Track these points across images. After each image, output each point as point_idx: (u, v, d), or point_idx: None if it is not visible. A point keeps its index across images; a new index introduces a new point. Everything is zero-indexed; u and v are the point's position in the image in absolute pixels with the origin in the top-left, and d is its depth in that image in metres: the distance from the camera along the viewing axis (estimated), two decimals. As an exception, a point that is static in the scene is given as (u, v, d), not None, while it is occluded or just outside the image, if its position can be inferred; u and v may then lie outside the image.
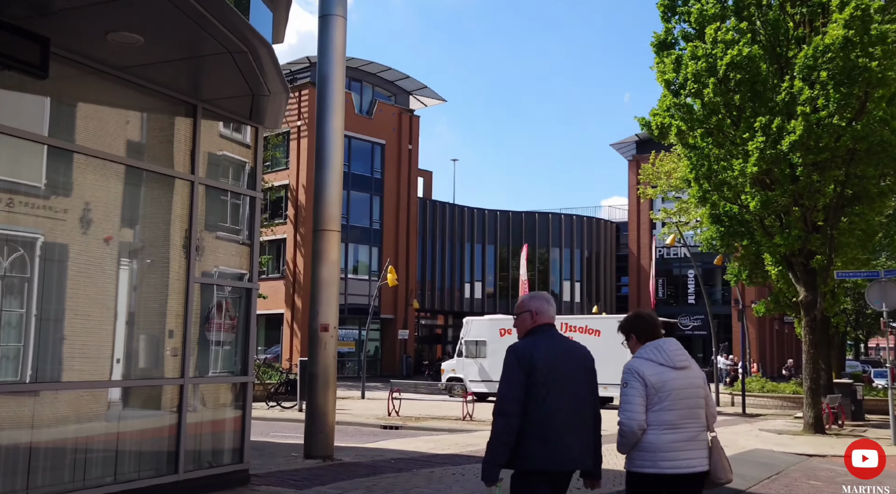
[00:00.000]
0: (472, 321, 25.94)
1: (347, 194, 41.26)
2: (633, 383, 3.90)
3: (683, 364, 3.96)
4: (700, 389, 4.00)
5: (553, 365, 3.75)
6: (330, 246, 9.46)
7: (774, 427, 16.56)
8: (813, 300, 15.15)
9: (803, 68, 13.88)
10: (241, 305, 7.81)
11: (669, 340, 4.04)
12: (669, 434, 3.83)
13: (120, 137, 6.64)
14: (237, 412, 7.54)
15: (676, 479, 3.85)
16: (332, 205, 9.40)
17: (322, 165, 9.46)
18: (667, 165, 31.53)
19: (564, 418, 3.72)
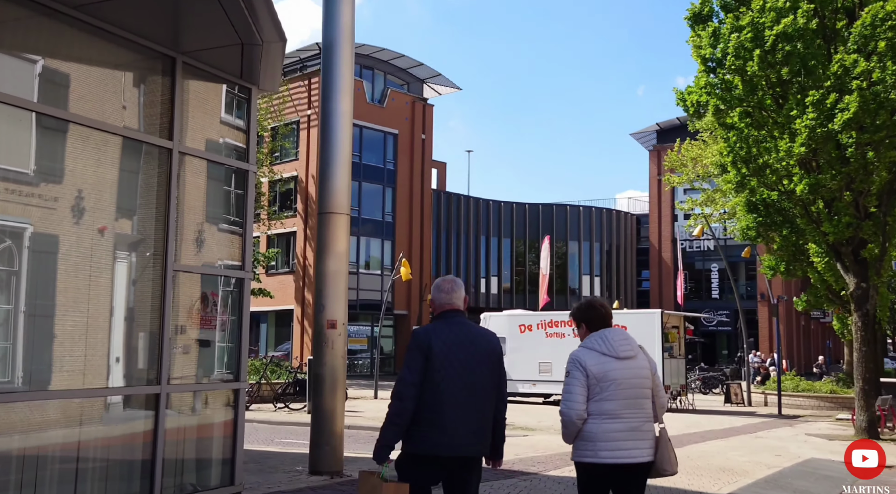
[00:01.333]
0: (490, 317, 24.71)
1: (359, 186, 40.16)
2: (575, 372, 3.92)
3: (627, 354, 3.96)
4: (646, 380, 3.98)
5: (450, 351, 3.78)
6: (337, 232, 8.16)
7: (821, 431, 15.30)
8: (864, 293, 13.87)
9: (859, 38, 12.64)
10: (233, 298, 6.68)
11: (615, 330, 4.06)
12: (610, 424, 3.84)
13: (80, 94, 5.48)
14: (228, 425, 6.43)
15: (618, 469, 3.86)
16: (340, 184, 8.16)
17: (328, 136, 8.23)
18: (693, 152, 30.17)
19: (457, 404, 3.73)
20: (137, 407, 5.77)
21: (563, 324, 22.77)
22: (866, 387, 13.97)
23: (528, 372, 23.04)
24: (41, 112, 5.05)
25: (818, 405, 22.87)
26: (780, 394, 21.53)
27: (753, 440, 13.36)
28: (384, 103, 41.60)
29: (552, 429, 14.16)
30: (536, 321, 23.52)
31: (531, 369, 22.96)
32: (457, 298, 3.97)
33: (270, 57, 6.14)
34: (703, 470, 9.36)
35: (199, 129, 6.40)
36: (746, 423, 17.09)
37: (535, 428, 14.45)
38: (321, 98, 8.32)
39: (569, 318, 4.34)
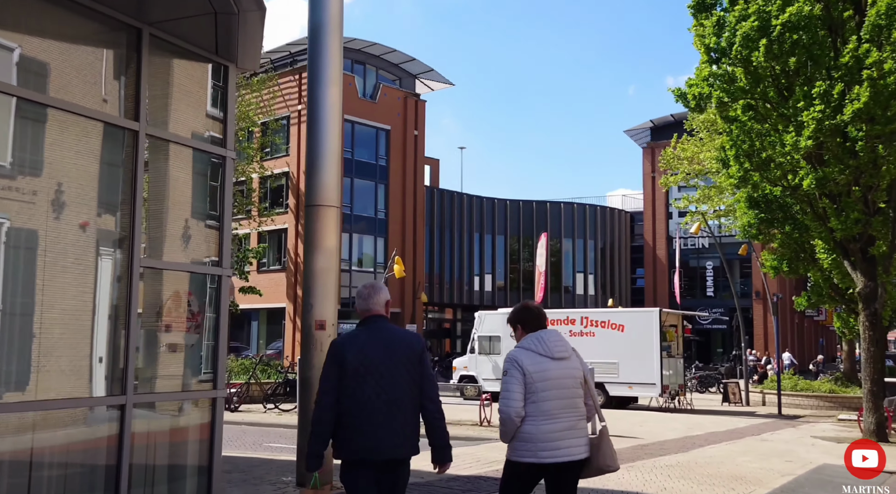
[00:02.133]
0: (486, 316, 24.25)
1: (351, 182, 39.61)
2: (513, 372, 4.00)
3: (562, 355, 4.08)
4: (578, 380, 4.11)
5: (367, 357, 3.87)
6: (326, 226, 7.47)
7: (826, 434, 14.83)
8: (873, 292, 13.41)
9: (872, 28, 12.16)
10: (210, 298, 6.04)
11: (550, 331, 4.18)
12: (548, 424, 3.94)
13: (33, 70, 4.89)
14: (203, 439, 5.76)
15: (556, 467, 3.98)
16: (328, 174, 7.52)
17: (315, 123, 7.62)
18: (689, 150, 29.75)
19: (377, 408, 3.82)
20: (101, 417, 5.15)
21: (559, 323, 22.32)
22: (874, 388, 13.52)
23: (523, 371, 22.56)
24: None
25: (817, 404, 22.51)
26: (779, 394, 21.16)
27: (759, 443, 12.92)
28: (376, 99, 41.03)
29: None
30: (532, 319, 23.04)
31: (526, 368, 22.48)
32: (375, 303, 4.05)
33: (248, 29, 5.56)
34: (714, 479, 8.91)
35: (170, 111, 5.82)
36: (748, 424, 16.66)
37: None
38: (308, 83, 7.66)
39: (506, 322, 4.37)
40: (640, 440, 12.82)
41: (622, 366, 20.56)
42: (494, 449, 10.95)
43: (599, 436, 4.18)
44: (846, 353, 27.98)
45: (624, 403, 21.22)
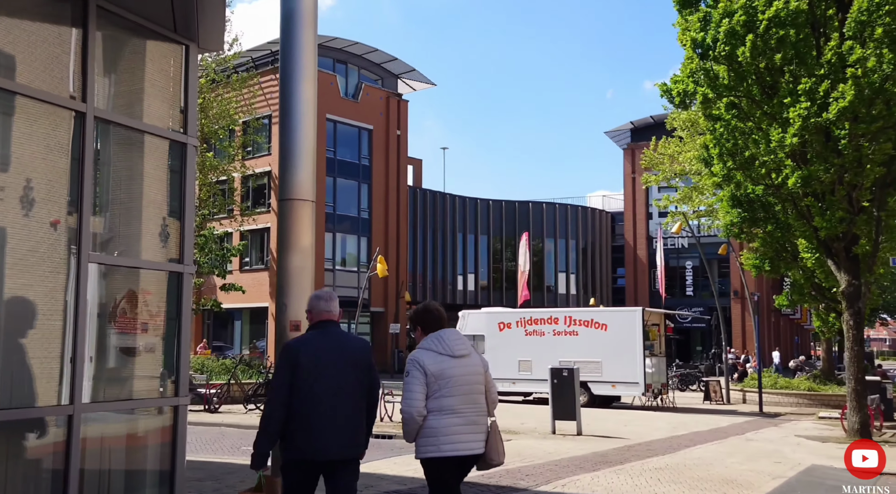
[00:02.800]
0: (469, 315, 24.16)
1: (334, 181, 39.43)
2: (414, 372, 4.12)
3: (462, 353, 4.23)
4: (479, 376, 4.26)
5: (319, 361, 4.03)
6: (301, 221, 6.87)
7: (810, 432, 14.90)
8: (856, 291, 13.40)
9: (854, 25, 12.11)
10: (170, 297, 5.43)
11: (450, 330, 4.31)
12: (450, 418, 4.07)
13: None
14: (165, 450, 5.14)
15: (457, 460, 4.12)
16: (303, 164, 6.81)
17: (289, 107, 7.01)
18: (670, 149, 29.96)
19: (325, 411, 3.97)
20: (40, 433, 4.54)
21: (542, 322, 22.35)
22: (858, 387, 13.51)
23: (507, 371, 22.55)
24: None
25: (797, 402, 22.74)
26: (760, 392, 21.33)
27: (745, 443, 12.92)
28: (358, 98, 40.87)
29: (537, 432, 13.65)
30: (516, 318, 23.02)
31: (510, 367, 22.47)
32: (334, 308, 4.27)
33: (208, 6, 5.13)
34: (705, 483, 8.78)
35: (125, 94, 5.36)
36: (731, 423, 16.73)
37: (518, 431, 13.83)
38: (280, 68, 7.10)
39: (408, 322, 4.57)
40: (626, 440, 12.75)
41: (605, 365, 20.60)
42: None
43: (489, 431, 4.29)
44: (824, 351, 28.34)
45: (607, 402, 21.28)
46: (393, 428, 14.00)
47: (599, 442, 12.27)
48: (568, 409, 13.50)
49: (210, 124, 32.92)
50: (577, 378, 13.60)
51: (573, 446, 11.71)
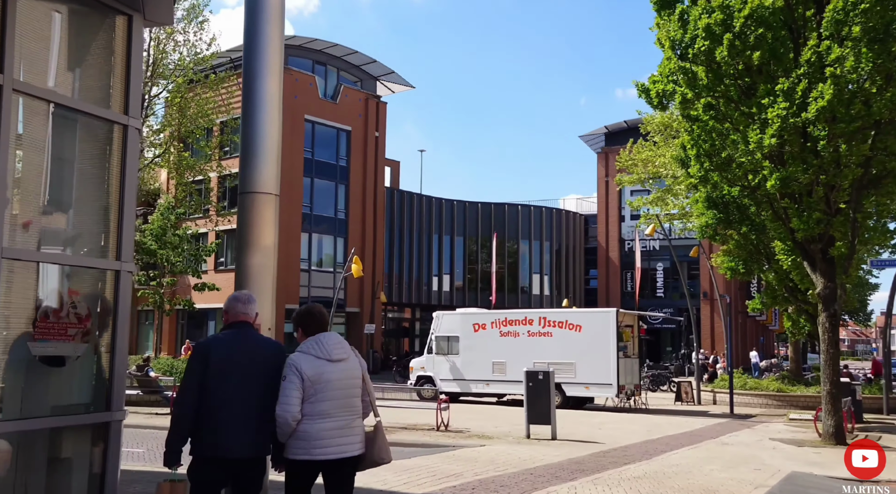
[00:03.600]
0: (444, 316, 24.23)
1: (311, 182, 39.26)
2: (291, 376, 4.16)
3: (340, 357, 4.30)
4: (356, 380, 4.35)
5: (230, 361, 4.10)
6: (262, 216, 6.31)
7: (783, 436, 15.07)
8: (832, 293, 13.56)
9: (831, 24, 12.14)
10: (103, 298, 4.83)
11: (330, 334, 4.37)
12: (323, 423, 4.15)
13: None
14: (94, 474, 4.56)
15: (329, 464, 4.19)
16: (265, 155, 6.30)
17: (251, 93, 6.52)
18: (644, 153, 30.35)
19: (234, 411, 4.05)
20: None
21: (517, 323, 22.50)
22: (834, 390, 13.60)
23: (481, 372, 22.67)
24: None
25: (767, 403, 23.16)
26: (731, 394, 21.69)
27: (721, 447, 12.97)
28: (337, 99, 40.73)
29: (510, 437, 13.71)
30: (490, 319, 23.15)
31: (485, 368, 22.59)
32: (251, 310, 4.37)
33: None
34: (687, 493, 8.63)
35: (55, 66, 4.86)
36: (704, 425, 16.96)
37: (492, 436, 13.89)
38: (244, 50, 6.71)
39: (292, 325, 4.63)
40: (601, 445, 12.77)
41: (579, 366, 20.78)
42: (454, 460, 10.66)
43: (374, 431, 4.41)
44: (792, 353, 28.90)
45: (580, 403, 21.48)
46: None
47: (575, 448, 12.38)
48: (543, 413, 13.59)
49: (187, 124, 32.64)
50: (552, 381, 13.70)
51: (548, 452, 11.74)
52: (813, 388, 23.33)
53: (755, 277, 27.75)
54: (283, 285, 37.22)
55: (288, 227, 37.41)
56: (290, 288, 37.20)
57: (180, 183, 34.06)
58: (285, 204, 37.83)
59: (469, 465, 10.22)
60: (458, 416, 16.81)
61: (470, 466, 10.12)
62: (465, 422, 16.11)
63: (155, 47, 31.64)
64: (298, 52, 39.83)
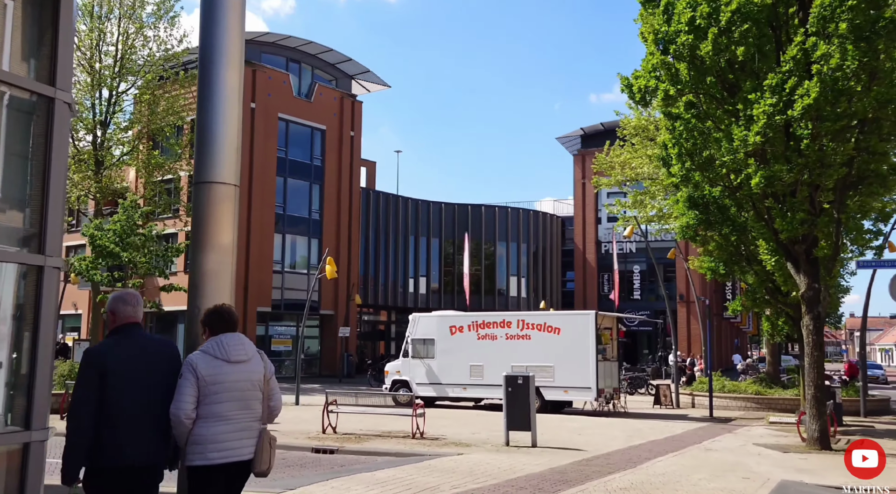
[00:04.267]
0: (420, 318, 23.65)
1: (284, 182, 38.49)
2: (187, 375, 4.10)
3: (240, 359, 4.22)
4: (256, 383, 4.26)
5: (127, 366, 3.99)
6: (220, 209, 5.66)
7: (766, 440, 14.73)
8: (816, 294, 13.24)
9: (817, 20, 11.90)
10: (23, 298, 4.10)
11: (233, 335, 4.29)
12: (219, 425, 4.08)
13: None
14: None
15: (226, 467, 4.11)
16: (224, 140, 5.69)
17: (207, 82, 5.71)
18: (622, 156, 30.12)
19: (133, 417, 3.94)
20: None
21: (495, 325, 22.01)
22: (818, 394, 13.29)
23: (458, 376, 22.15)
24: None
25: (745, 406, 22.96)
26: (711, 397, 21.43)
27: (706, 454, 12.55)
28: (311, 98, 40.01)
29: (489, 444, 13.15)
30: (468, 322, 22.62)
31: (462, 372, 22.07)
32: (140, 312, 4.25)
33: None
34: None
35: None
36: (686, 429, 16.58)
37: (469, 443, 13.32)
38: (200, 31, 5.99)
39: (199, 323, 4.51)
40: (583, 452, 12.27)
41: (558, 370, 20.34)
42: (430, 471, 10.08)
43: (260, 438, 4.31)
44: (770, 355, 28.78)
45: (559, 407, 21.05)
46: (336, 441, 13.46)
47: (556, 456, 11.86)
48: (522, 419, 13.08)
49: (157, 121, 31.77)
50: (532, 386, 13.21)
51: (529, 461, 11.20)
52: (791, 391, 23.21)
53: (731, 279, 27.62)
54: (256, 286, 36.45)
55: (261, 227, 36.62)
56: (262, 290, 36.40)
57: (149, 182, 33.16)
58: (258, 204, 37.06)
59: (446, 477, 9.66)
60: (435, 422, 16.26)
61: (447, 478, 9.57)
62: (441, 429, 15.56)
63: (123, 42, 30.77)
64: (272, 49, 39.07)
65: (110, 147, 31.02)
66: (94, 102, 30.80)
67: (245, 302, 35.51)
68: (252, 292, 35.90)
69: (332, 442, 13.30)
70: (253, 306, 36.01)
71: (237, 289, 13.84)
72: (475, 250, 47.90)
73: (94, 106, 30.74)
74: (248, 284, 35.81)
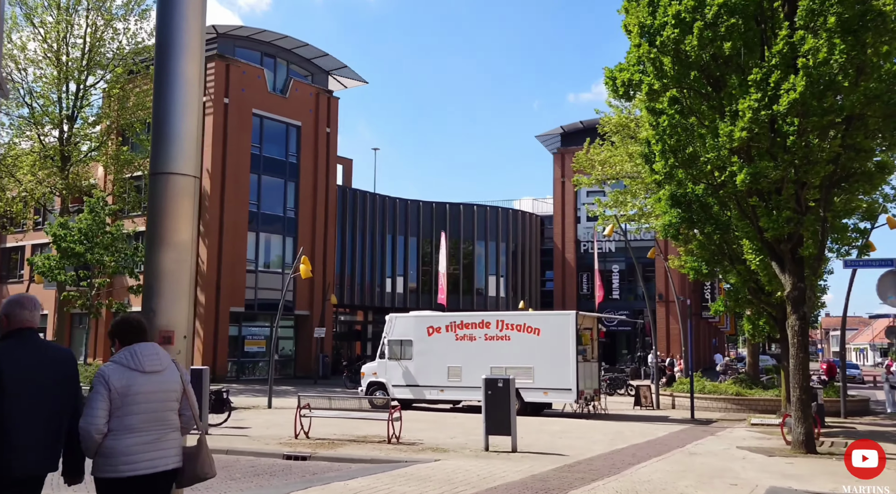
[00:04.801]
0: (396, 319, 23.10)
1: (259, 179, 37.73)
2: (98, 388, 4.00)
3: (154, 369, 4.12)
4: (173, 393, 4.19)
5: (24, 372, 3.87)
6: (177, 203, 5.21)
7: (749, 442, 14.39)
8: (802, 294, 12.92)
9: (806, 12, 11.63)
10: None
11: (146, 345, 4.18)
12: (130, 438, 3.98)
13: None
14: None
15: (138, 480, 4.01)
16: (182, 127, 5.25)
17: (164, 65, 5.34)
18: (602, 154, 29.81)
19: (29, 423, 3.84)
20: None
21: (473, 326, 21.55)
22: (804, 397, 12.97)
23: (435, 378, 21.66)
24: None
25: (726, 407, 22.73)
26: (692, 398, 21.16)
27: (690, 458, 12.17)
28: (286, 94, 39.25)
29: (467, 449, 12.67)
30: (446, 322, 22.12)
31: (439, 374, 21.58)
32: (37, 316, 4.11)
33: None
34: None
35: None
36: (668, 432, 16.21)
37: (447, 448, 12.82)
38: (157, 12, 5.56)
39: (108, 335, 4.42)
40: (565, 458, 11.81)
41: (537, 371, 19.94)
42: (405, 480, 9.59)
43: (198, 446, 4.29)
44: (750, 356, 28.66)
45: (538, 409, 20.65)
46: (308, 447, 12.89)
47: (537, 461, 11.39)
48: (502, 423, 12.60)
49: (126, 116, 30.90)
50: (513, 389, 12.73)
51: (509, 467, 10.73)
52: (772, 391, 23.05)
53: (712, 279, 27.44)
54: (229, 286, 35.64)
55: (234, 226, 35.83)
56: (236, 290, 35.60)
57: (118, 179, 32.26)
58: (231, 202, 36.24)
59: (422, 485, 9.16)
60: (412, 425, 15.75)
61: (423, 487, 9.07)
62: (418, 432, 15.05)
63: (91, 34, 29.87)
64: (246, 43, 38.28)
65: (77, 143, 30.12)
66: (62, 96, 29.89)
67: (217, 302, 34.71)
68: (224, 291, 35.10)
69: (305, 448, 12.75)
70: (225, 307, 35.21)
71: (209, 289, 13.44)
72: (453, 249, 47.42)
73: (60, 100, 29.85)
74: (221, 283, 34.99)
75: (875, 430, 17.67)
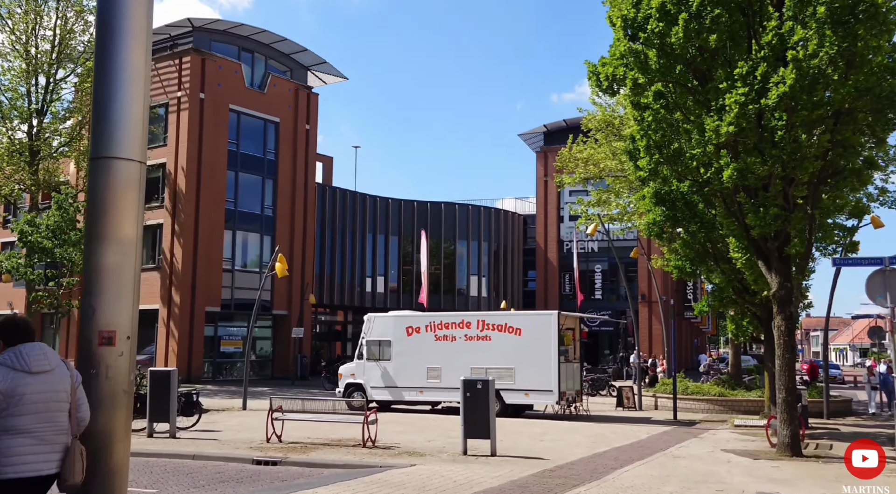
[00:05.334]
0: (375, 318, 22.60)
1: (236, 176, 37.03)
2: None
3: (42, 369, 4.06)
4: (62, 394, 4.11)
5: None
6: (120, 192, 4.66)
7: (734, 445, 14.06)
8: (789, 293, 12.61)
9: (795, 3, 11.33)
10: None
11: (33, 345, 4.14)
12: (17, 439, 3.92)
13: None
14: None
15: (23, 483, 3.93)
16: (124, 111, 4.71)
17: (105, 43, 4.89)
18: (585, 152, 29.48)
19: None
20: None
21: (453, 326, 21.12)
22: (790, 398, 12.67)
23: (415, 378, 21.20)
24: None
25: (709, 408, 22.52)
26: (675, 400, 20.89)
27: (673, 462, 11.82)
28: (265, 89, 38.56)
29: (445, 453, 12.23)
30: (425, 322, 21.67)
31: (419, 375, 21.13)
32: None
33: None
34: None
35: None
36: (651, 434, 15.85)
37: (423, 452, 12.37)
38: None
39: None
40: (545, 462, 11.40)
41: (519, 372, 19.56)
42: (379, 487, 9.14)
43: (69, 451, 4.12)
44: (732, 356, 28.51)
45: (519, 410, 20.26)
46: (280, 452, 12.36)
47: (517, 466, 10.96)
48: (481, 426, 12.16)
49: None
50: (492, 391, 12.29)
51: (487, 472, 10.30)
52: (755, 392, 22.87)
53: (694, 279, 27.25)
54: (205, 285, 34.92)
55: (210, 224, 35.11)
56: (211, 289, 34.88)
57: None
58: (207, 199, 35.53)
59: (396, 492, 8.69)
60: (389, 428, 15.28)
61: (399, 489, 8.60)
62: (395, 435, 14.57)
63: (61, 27, 29.06)
64: (223, 37, 37.57)
65: (47, 137, 29.28)
66: (31, 90, 29.04)
67: (192, 302, 33.98)
68: (200, 291, 34.37)
69: (276, 453, 12.23)
70: (201, 306, 34.48)
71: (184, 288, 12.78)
72: (435, 248, 46.95)
73: (29, 93, 29.00)
74: (196, 283, 34.26)
75: (859, 431, 17.45)
